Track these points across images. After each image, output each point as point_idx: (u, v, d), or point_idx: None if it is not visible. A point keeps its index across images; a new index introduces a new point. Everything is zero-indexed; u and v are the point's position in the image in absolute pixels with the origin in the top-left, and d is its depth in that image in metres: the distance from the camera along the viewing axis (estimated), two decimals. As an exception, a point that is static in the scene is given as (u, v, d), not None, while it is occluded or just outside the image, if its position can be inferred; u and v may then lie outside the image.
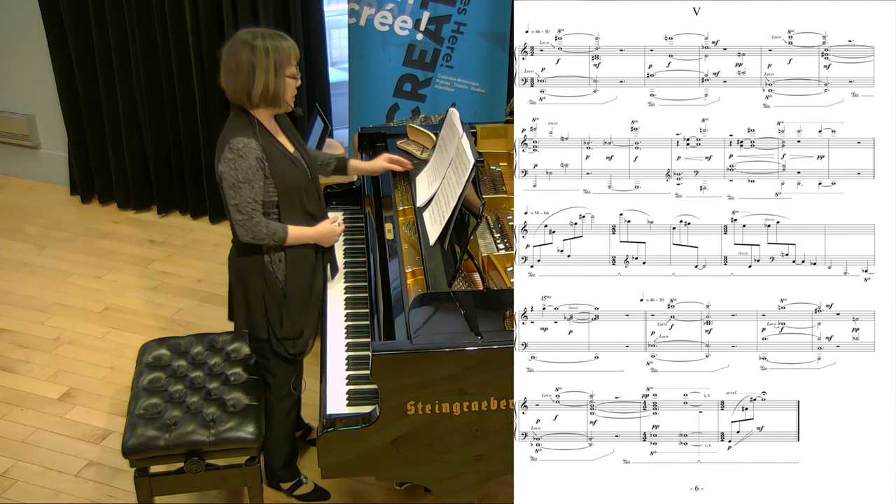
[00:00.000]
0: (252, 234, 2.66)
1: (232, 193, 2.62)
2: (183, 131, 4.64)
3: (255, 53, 2.57)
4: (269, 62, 2.57)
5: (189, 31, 4.36)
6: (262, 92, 2.60)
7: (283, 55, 2.60)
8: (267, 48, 2.57)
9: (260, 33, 2.62)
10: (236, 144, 2.60)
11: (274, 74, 2.59)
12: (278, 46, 2.60)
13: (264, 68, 2.57)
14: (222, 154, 2.62)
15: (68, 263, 4.48)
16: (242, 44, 2.59)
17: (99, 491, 3.19)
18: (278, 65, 2.59)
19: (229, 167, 2.60)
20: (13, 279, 4.35)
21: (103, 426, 3.47)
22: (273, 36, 2.62)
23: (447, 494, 2.47)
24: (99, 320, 4.06)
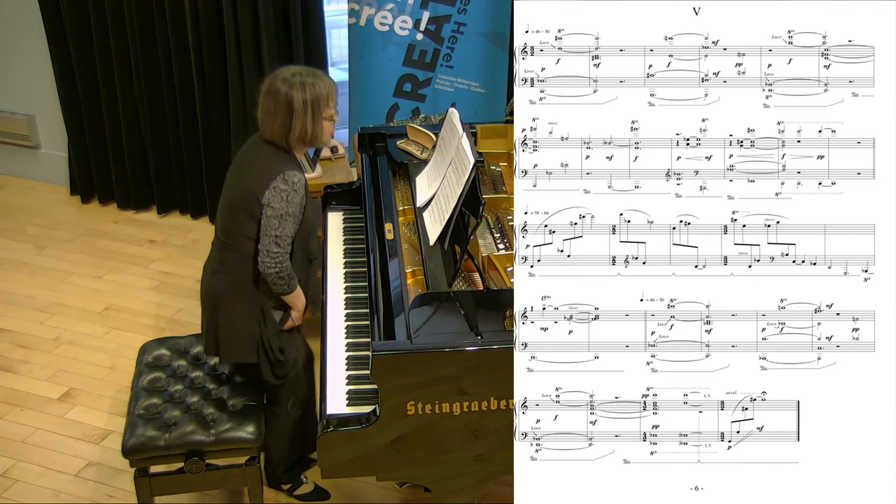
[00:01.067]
0: (278, 268, 2.65)
1: (276, 224, 2.60)
2: (183, 131, 4.64)
3: (292, 98, 2.57)
4: (307, 106, 2.58)
5: (189, 31, 4.36)
6: (301, 135, 2.62)
7: (322, 98, 2.61)
8: (305, 96, 2.57)
9: (299, 74, 2.61)
10: (292, 178, 2.60)
11: (312, 119, 2.60)
12: (317, 92, 2.59)
13: (302, 113, 2.58)
14: (272, 183, 2.59)
15: (68, 263, 4.48)
16: (280, 87, 2.58)
17: (99, 491, 3.19)
18: (316, 108, 2.60)
19: (282, 198, 2.59)
20: (13, 279, 4.35)
21: (103, 426, 3.47)
22: (311, 76, 2.62)
23: (447, 494, 2.47)
24: (99, 320, 4.07)
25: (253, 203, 2.62)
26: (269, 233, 2.62)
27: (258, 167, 2.63)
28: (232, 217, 2.69)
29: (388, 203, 3.01)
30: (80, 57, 4.63)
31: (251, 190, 2.62)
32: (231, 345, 2.77)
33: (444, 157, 2.90)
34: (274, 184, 2.58)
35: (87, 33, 4.58)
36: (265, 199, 2.60)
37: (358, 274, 3.01)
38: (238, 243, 2.69)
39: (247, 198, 2.63)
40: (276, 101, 2.58)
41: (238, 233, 2.68)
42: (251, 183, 2.62)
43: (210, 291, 2.79)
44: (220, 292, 2.75)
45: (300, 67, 2.66)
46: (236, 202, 2.67)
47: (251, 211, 2.63)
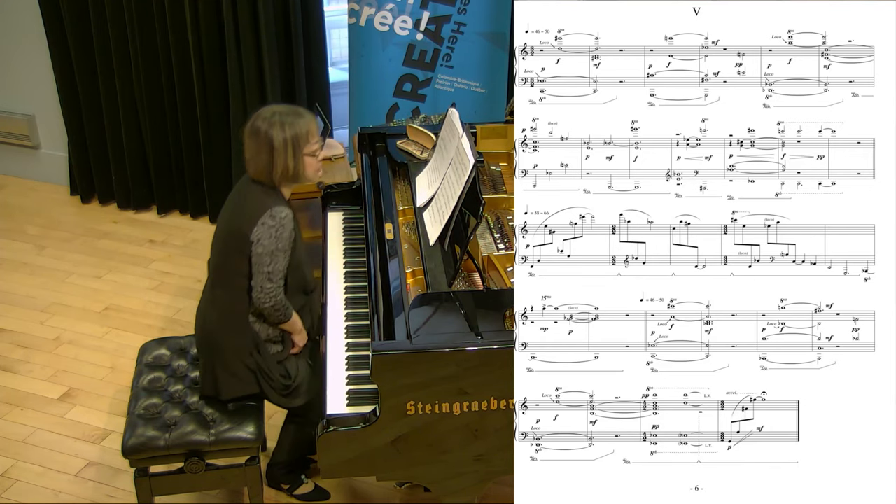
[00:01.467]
0: (274, 302, 2.68)
1: (268, 260, 2.63)
2: (183, 131, 4.64)
3: (272, 137, 2.60)
4: (287, 145, 2.60)
5: (189, 31, 4.36)
6: (283, 173, 2.64)
7: (301, 136, 2.63)
8: (285, 135, 2.60)
9: (279, 113, 2.64)
10: (279, 213, 2.62)
11: (293, 156, 2.62)
12: (297, 131, 2.62)
13: (282, 151, 2.60)
14: (259, 219, 2.61)
15: (68, 263, 4.48)
16: (261, 126, 2.61)
17: (99, 491, 3.19)
18: (296, 146, 2.62)
19: (270, 234, 2.61)
20: (13, 279, 4.35)
21: (103, 426, 3.47)
22: (291, 115, 2.64)
23: (447, 494, 2.47)
24: (99, 320, 4.06)
25: (242, 241, 2.65)
26: (261, 269, 2.65)
27: (246, 206, 2.66)
28: (223, 255, 2.72)
29: (388, 203, 3.01)
30: (80, 57, 4.63)
31: (241, 228, 2.65)
32: (229, 381, 2.78)
33: (444, 157, 2.90)
34: (262, 220, 2.61)
35: (87, 33, 4.58)
36: (254, 235, 2.62)
37: (358, 274, 3.01)
38: (230, 281, 2.71)
39: (237, 236, 2.66)
40: (257, 141, 2.62)
41: (229, 271, 2.71)
42: (240, 222, 2.66)
43: (204, 330, 2.81)
44: (214, 330, 2.77)
45: (281, 106, 2.69)
46: (227, 241, 2.70)
47: (241, 249, 2.66)
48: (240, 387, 2.78)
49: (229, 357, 2.74)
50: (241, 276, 2.68)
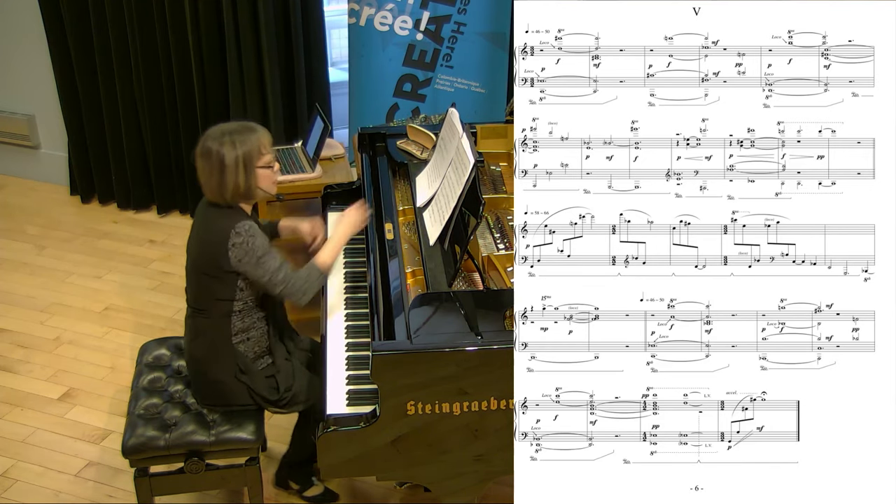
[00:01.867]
0: (301, 291, 2.65)
1: (261, 272, 2.60)
2: (183, 131, 4.64)
3: (222, 156, 2.57)
4: (237, 162, 2.58)
5: (189, 31, 4.36)
6: (234, 190, 2.61)
7: (252, 151, 2.59)
8: (236, 153, 2.57)
9: (228, 131, 2.61)
10: (242, 228, 2.59)
11: (244, 172, 2.59)
12: (248, 148, 2.59)
13: (233, 171, 2.58)
14: (228, 244, 2.58)
15: (68, 263, 4.48)
16: (211, 146, 2.59)
17: (99, 491, 3.19)
18: (248, 161, 2.59)
19: (245, 250, 2.58)
20: (13, 279, 4.35)
21: (103, 426, 3.47)
22: (240, 131, 2.61)
23: (447, 494, 2.47)
24: (99, 320, 4.07)
25: (217, 269, 2.62)
26: (262, 280, 2.63)
27: (211, 235, 2.63)
28: (198, 283, 2.71)
29: (388, 203, 3.01)
30: (80, 57, 4.63)
31: (212, 258, 2.62)
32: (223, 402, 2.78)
33: (444, 157, 2.90)
34: (230, 243, 2.58)
35: (87, 33, 4.58)
36: (233, 262, 2.60)
37: (358, 274, 3.01)
38: (209, 307, 2.70)
39: (210, 265, 2.63)
40: (209, 162, 2.60)
41: (207, 298, 2.69)
42: (210, 251, 2.63)
43: (191, 355, 2.81)
44: (199, 358, 2.76)
45: (230, 124, 2.66)
46: (200, 268, 2.68)
47: (217, 276, 2.63)
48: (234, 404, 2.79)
49: (219, 384, 2.74)
50: (220, 301, 2.67)
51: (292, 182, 3.71)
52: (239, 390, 2.74)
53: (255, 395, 2.74)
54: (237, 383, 2.73)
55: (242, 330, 2.72)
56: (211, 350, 2.73)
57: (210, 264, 2.64)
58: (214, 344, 2.72)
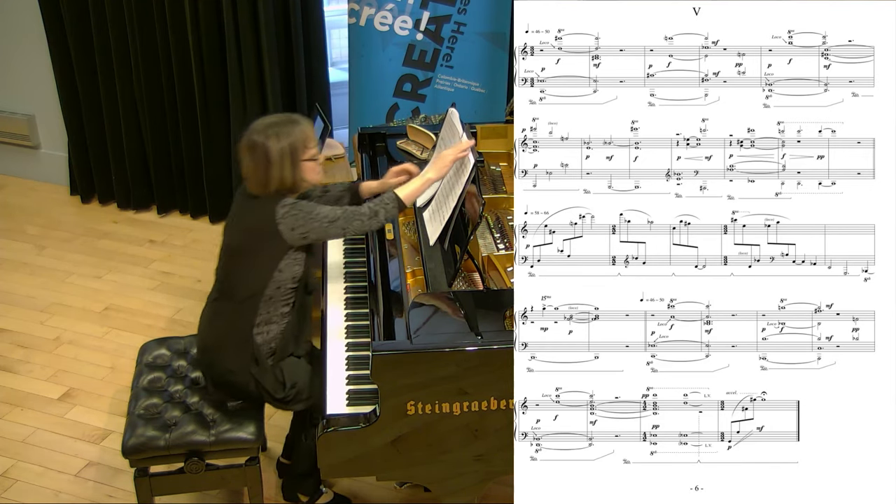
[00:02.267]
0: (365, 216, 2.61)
1: (317, 224, 2.58)
2: (183, 131, 4.64)
3: (268, 149, 2.56)
4: (284, 158, 2.57)
5: (189, 31, 4.36)
6: (280, 183, 2.60)
7: (297, 143, 2.59)
8: (282, 145, 2.56)
9: (272, 124, 2.60)
10: (286, 202, 2.58)
11: (291, 166, 2.59)
12: (293, 140, 2.58)
13: (279, 164, 2.57)
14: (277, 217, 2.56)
15: (68, 263, 4.48)
16: (257, 139, 2.58)
17: (99, 491, 3.19)
18: (294, 156, 2.59)
19: (294, 215, 2.57)
20: (13, 279, 4.35)
21: (103, 426, 3.47)
22: (284, 124, 2.61)
23: (447, 494, 2.47)
24: (99, 320, 4.06)
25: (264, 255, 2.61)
26: (326, 231, 2.60)
27: (256, 222, 2.62)
28: (230, 270, 2.70)
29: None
30: (80, 57, 4.63)
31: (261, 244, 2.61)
32: (228, 391, 2.78)
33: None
34: (278, 219, 2.57)
35: (87, 33, 4.58)
36: (286, 235, 2.58)
37: (358, 274, 3.01)
38: (234, 293, 2.69)
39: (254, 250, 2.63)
40: (254, 158, 2.59)
41: (236, 284, 2.69)
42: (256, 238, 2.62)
43: (204, 342, 2.80)
44: (214, 344, 2.76)
45: (274, 116, 2.66)
46: (239, 253, 2.68)
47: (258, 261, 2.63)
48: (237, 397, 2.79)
49: (228, 373, 2.74)
50: (253, 286, 2.66)
51: (292, 182, 3.70)
52: (246, 381, 2.73)
53: (262, 389, 2.73)
54: (247, 375, 2.72)
55: (266, 321, 2.70)
56: (226, 337, 2.71)
57: (254, 249, 2.63)
58: (233, 330, 2.70)
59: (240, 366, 2.71)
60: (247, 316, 2.69)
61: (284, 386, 2.75)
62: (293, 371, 2.79)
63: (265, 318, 2.70)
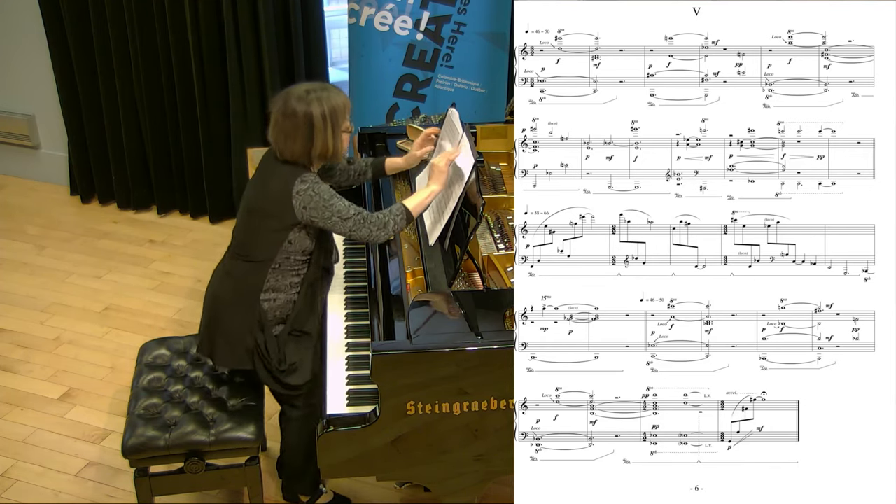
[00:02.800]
0: (374, 225, 2.60)
1: (328, 214, 2.57)
2: (183, 131, 4.64)
3: (312, 116, 2.54)
4: (326, 124, 2.56)
5: (189, 31, 4.36)
6: (322, 151, 2.59)
7: (340, 113, 2.58)
8: (323, 110, 2.54)
9: (313, 90, 2.58)
10: (307, 177, 2.57)
11: (332, 135, 2.57)
12: (333, 105, 2.57)
13: (322, 130, 2.56)
14: (293, 194, 2.55)
15: (68, 263, 4.48)
16: (297, 105, 2.55)
17: (99, 491, 3.19)
18: (335, 124, 2.57)
19: (311, 196, 2.56)
20: (13, 279, 4.35)
21: (103, 426, 3.47)
22: (326, 91, 2.59)
23: (447, 494, 2.47)
24: (99, 320, 4.07)
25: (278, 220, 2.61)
26: (333, 222, 2.58)
27: (273, 186, 2.61)
28: (249, 227, 2.69)
29: (388, 203, 3.01)
30: (80, 57, 4.63)
31: (276, 209, 2.60)
32: (225, 350, 2.76)
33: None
34: (295, 192, 2.56)
35: (87, 33, 4.58)
36: (297, 210, 2.57)
37: (358, 274, 3.01)
38: (250, 253, 2.69)
39: (270, 213, 2.62)
40: (294, 122, 2.55)
41: (253, 245, 2.68)
42: (271, 202, 2.61)
43: (213, 295, 2.78)
44: (223, 298, 2.75)
45: (310, 84, 2.64)
46: (256, 214, 2.66)
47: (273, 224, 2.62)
48: (234, 360, 2.76)
49: (231, 330, 2.72)
50: (265, 249, 2.65)
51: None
52: (244, 348, 2.71)
53: (259, 357, 2.71)
54: (249, 337, 2.70)
55: (274, 289, 2.69)
56: (236, 295, 2.70)
57: (269, 211, 2.62)
58: (241, 290, 2.69)
59: (245, 326, 2.70)
60: (255, 279, 2.68)
61: (284, 361, 2.74)
62: (297, 350, 2.76)
63: (272, 285, 2.69)
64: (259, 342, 2.70)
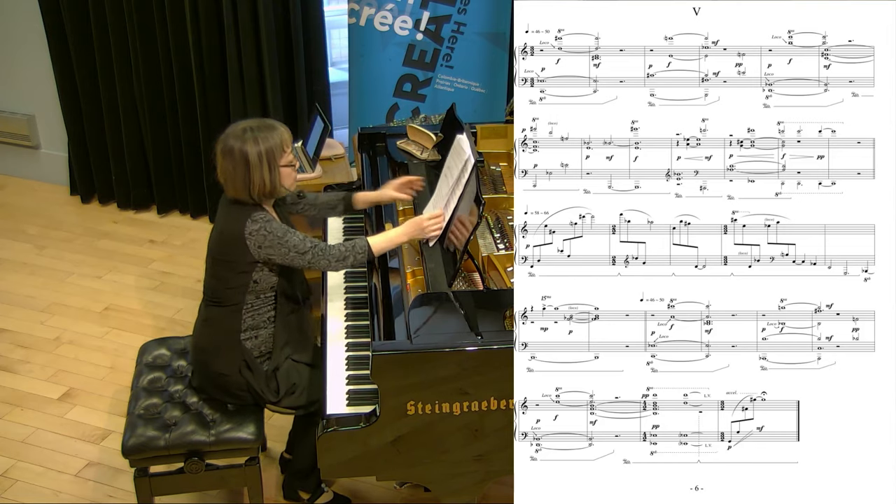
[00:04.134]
0: (333, 258, 2.64)
1: (284, 250, 2.61)
2: (183, 131, 4.64)
3: (247, 154, 2.57)
4: (262, 161, 2.58)
5: (189, 31, 4.36)
6: (260, 189, 2.61)
7: (276, 148, 2.60)
8: (259, 149, 2.57)
9: (249, 128, 2.61)
10: (257, 216, 2.60)
11: (269, 171, 2.60)
12: (270, 144, 2.59)
13: (258, 168, 2.58)
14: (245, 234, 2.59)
15: (68, 263, 4.48)
16: (234, 144, 2.59)
17: (99, 491, 3.19)
18: (272, 160, 2.60)
19: (265, 235, 2.59)
20: (13, 279, 4.35)
21: (103, 426, 3.47)
22: (262, 129, 2.62)
23: (447, 494, 2.47)
24: (99, 320, 4.06)
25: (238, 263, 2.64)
26: (291, 258, 2.62)
27: (227, 227, 2.65)
28: (215, 274, 2.72)
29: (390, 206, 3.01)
30: (80, 57, 4.63)
31: (233, 252, 2.64)
32: (219, 393, 2.80)
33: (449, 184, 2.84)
34: (247, 233, 2.60)
35: (87, 33, 4.58)
36: (253, 250, 2.61)
37: (358, 274, 3.01)
38: (222, 299, 2.72)
39: (229, 257, 2.65)
40: (232, 160, 2.60)
41: (222, 290, 2.71)
42: (226, 244, 2.65)
43: (196, 345, 2.83)
44: (206, 346, 2.78)
45: (250, 121, 2.67)
46: (217, 260, 2.70)
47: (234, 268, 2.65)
48: (231, 399, 2.80)
49: (220, 374, 2.76)
50: (234, 293, 2.69)
51: (292, 182, 3.70)
52: (240, 385, 2.75)
53: (256, 392, 2.75)
54: (239, 377, 2.74)
55: (252, 327, 2.73)
56: (217, 341, 2.74)
57: (228, 256, 2.65)
58: (222, 335, 2.73)
59: (232, 369, 2.73)
60: (232, 322, 2.71)
61: (279, 391, 2.75)
62: (290, 375, 2.79)
63: (251, 324, 2.73)
64: (250, 381, 2.73)
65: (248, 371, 2.72)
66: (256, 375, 2.73)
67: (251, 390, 2.75)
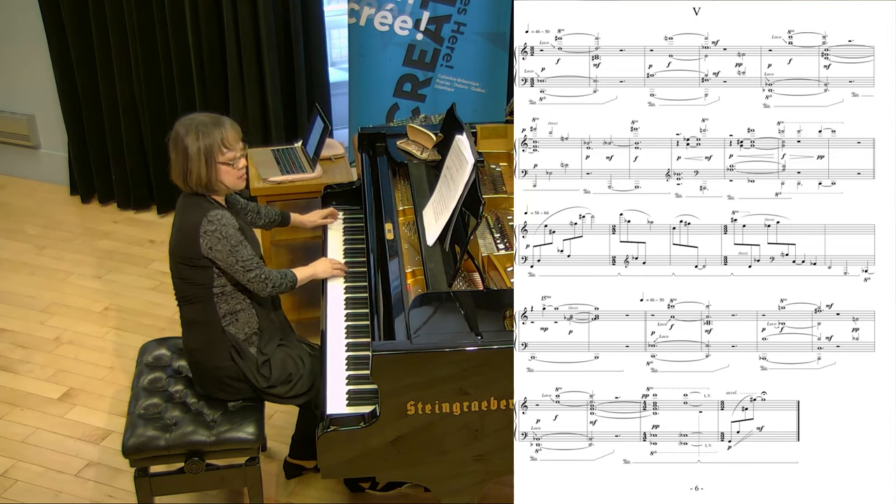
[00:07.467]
0: (271, 284, 2.73)
1: (232, 260, 2.66)
2: (183, 131, 4.64)
3: (186, 146, 2.62)
4: (200, 156, 2.62)
5: (189, 30, 4.36)
6: (197, 181, 2.65)
7: (213, 145, 2.63)
8: (199, 144, 2.62)
9: (197, 122, 2.65)
10: (213, 216, 2.64)
11: (205, 165, 2.63)
12: (210, 140, 2.63)
13: (196, 161, 2.63)
14: (200, 232, 2.63)
15: (68, 263, 4.48)
16: (176, 136, 2.65)
17: (99, 491, 3.19)
18: (208, 155, 2.63)
19: (217, 238, 2.64)
20: (13, 279, 4.35)
21: (103, 426, 3.47)
22: (208, 124, 2.65)
23: (447, 494, 2.47)
24: (99, 320, 4.07)
25: (191, 258, 2.67)
26: (235, 269, 2.68)
27: (183, 225, 2.69)
28: (178, 273, 2.75)
29: (388, 203, 3.01)
30: (80, 57, 4.63)
31: (186, 247, 2.67)
32: (217, 390, 2.82)
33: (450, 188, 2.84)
34: (202, 231, 2.63)
35: (87, 33, 4.58)
36: (204, 249, 2.65)
37: (358, 274, 3.01)
38: (193, 295, 2.74)
39: (185, 253, 2.69)
40: (176, 150, 2.66)
41: (188, 287, 2.74)
42: (183, 241, 2.68)
43: (186, 349, 2.86)
44: (195, 346, 2.81)
45: (203, 115, 2.70)
46: (176, 258, 2.73)
47: (193, 264, 2.68)
48: (230, 395, 2.81)
49: (215, 369, 2.77)
50: (201, 287, 2.71)
51: (292, 182, 3.71)
52: (236, 375, 2.76)
53: (250, 380, 2.75)
54: (233, 367, 2.75)
55: (229, 312, 2.75)
56: (204, 336, 2.76)
57: (185, 253, 2.69)
58: (206, 330, 2.75)
59: (224, 359, 2.75)
60: (210, 314, 2.74)
61: (270, 377, 2.77)
62: (286, 364, 2.81)
63: (227, 309, 2.75)
64: (243, 370, 2.74)
65: (238, 357, 2.74)
66: (247, 361, 2.75)
67: (246, 379, 2.76)
